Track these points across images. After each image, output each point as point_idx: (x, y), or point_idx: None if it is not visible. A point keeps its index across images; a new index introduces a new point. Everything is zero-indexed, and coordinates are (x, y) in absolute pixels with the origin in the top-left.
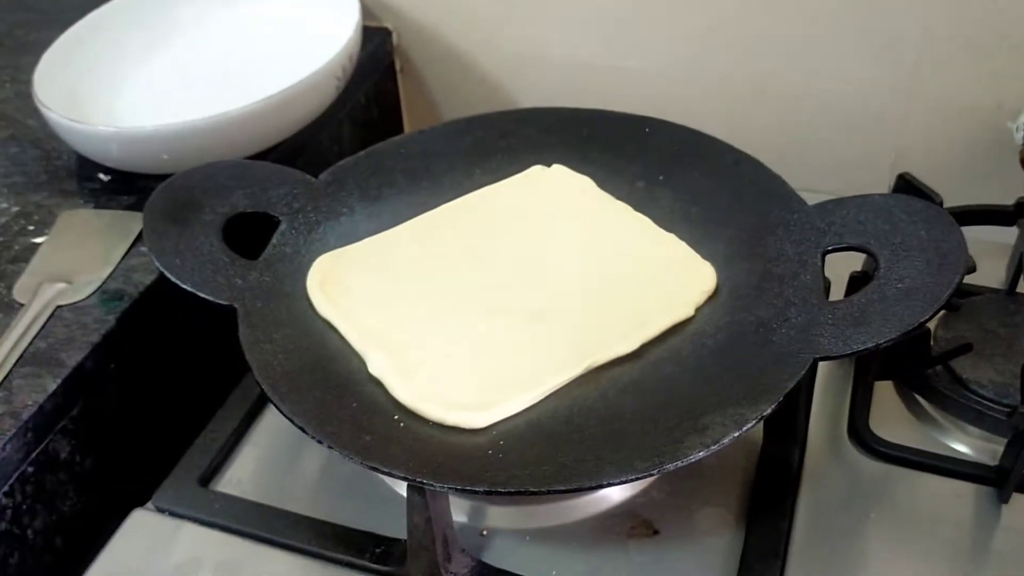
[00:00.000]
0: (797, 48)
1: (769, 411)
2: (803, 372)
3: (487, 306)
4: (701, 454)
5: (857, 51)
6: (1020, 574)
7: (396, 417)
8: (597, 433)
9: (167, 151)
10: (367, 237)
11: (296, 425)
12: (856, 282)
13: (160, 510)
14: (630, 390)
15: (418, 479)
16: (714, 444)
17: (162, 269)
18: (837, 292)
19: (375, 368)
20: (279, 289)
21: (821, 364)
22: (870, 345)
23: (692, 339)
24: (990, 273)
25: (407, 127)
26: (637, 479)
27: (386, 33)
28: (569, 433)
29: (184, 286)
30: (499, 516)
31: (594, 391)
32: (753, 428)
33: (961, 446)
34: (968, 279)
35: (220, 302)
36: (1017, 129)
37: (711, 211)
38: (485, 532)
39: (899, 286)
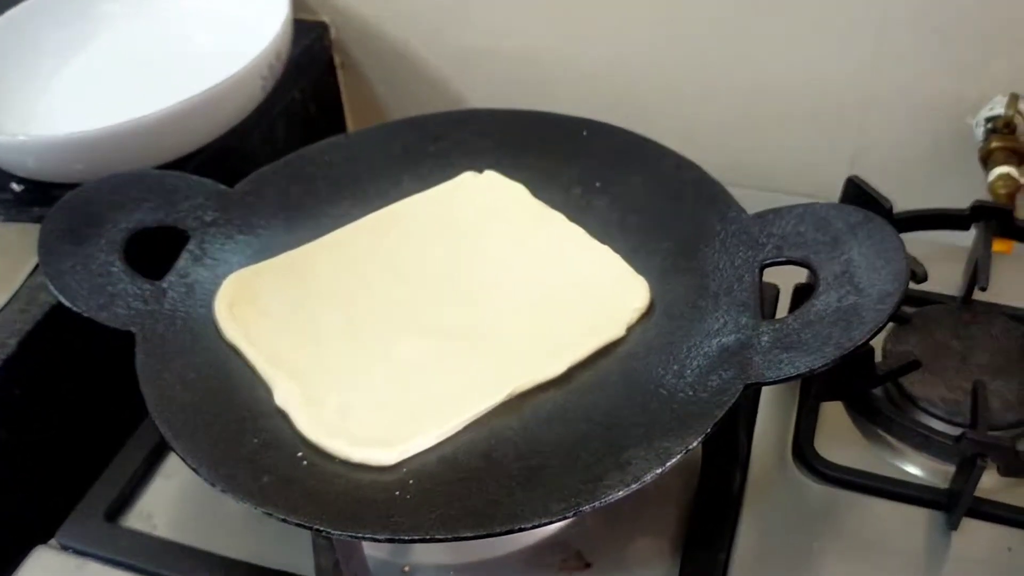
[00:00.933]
0: (751, 40)
1: (696, 443)
2: (733, 400)
3: (407, 326)
4: (620, 493)
5: (814, 42)
6: None
7: (300, 454)
8: (514, 470)
9: (81, 160)
10: (284, 252)
11: (189, 466)
12: (800, 295)
13: (64, 547)
14: (554, 419)
15: (315, 526)
16: (634, 482)
17: (55, 292)
18: (785, 303)
19: (280, 398)
20: (184, 312)
21: None
22: (803, 371)
23: (622, 361)
24: (947, 279)
25: (351, 126)
26: (551, 523)
27: (323, 27)
28: (485, 469)
29: (78, 310)
30: (423, 552)
31: (516, 421)
32: (679, 462)
33: (912, 468)
34: (921, 287)
35: (115, 326)
36: (977, 125)
37: (648, 220)
38: (407, 568)
39: (838, 304)
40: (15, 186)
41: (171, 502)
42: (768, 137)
